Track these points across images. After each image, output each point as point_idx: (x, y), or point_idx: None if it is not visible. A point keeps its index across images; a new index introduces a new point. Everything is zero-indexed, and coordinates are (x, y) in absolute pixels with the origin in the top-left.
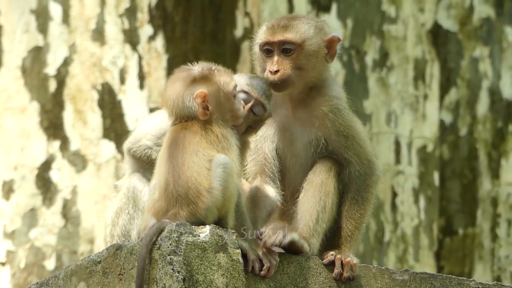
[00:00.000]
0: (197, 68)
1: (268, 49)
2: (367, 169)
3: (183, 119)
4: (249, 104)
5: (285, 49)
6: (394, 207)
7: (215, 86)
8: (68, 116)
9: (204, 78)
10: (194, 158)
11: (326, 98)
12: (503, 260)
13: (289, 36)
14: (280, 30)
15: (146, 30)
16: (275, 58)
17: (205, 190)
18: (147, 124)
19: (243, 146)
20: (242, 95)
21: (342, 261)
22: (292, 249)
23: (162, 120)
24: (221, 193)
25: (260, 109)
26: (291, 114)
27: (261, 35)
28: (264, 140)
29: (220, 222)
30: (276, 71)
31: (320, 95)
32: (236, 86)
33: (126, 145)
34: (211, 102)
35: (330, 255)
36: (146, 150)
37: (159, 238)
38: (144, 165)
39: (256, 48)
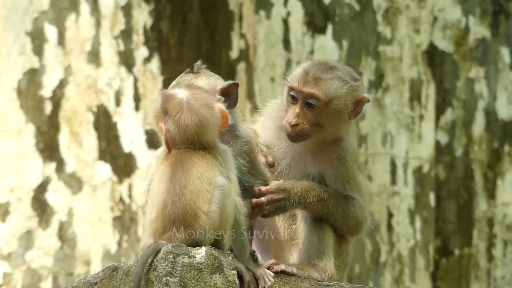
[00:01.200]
0: (157, 103)
1: (293, 96)
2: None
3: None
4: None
5: (310, 103)
6: (390, 228)
7: (173, 119)
8: (64, 138)
9: (163, 113)
10: (196, 182)
11: (338, 148)
12: (499, 281)
13: (317, 92)
14: (312, 81)
15: (141, 52)
16: (297, 110)
17: (203, 213)
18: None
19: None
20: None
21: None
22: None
23: None
24: (218, 215)
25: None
26: (302, 150)
27: (294, 78)
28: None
29: (216, 243)
30: (294, 125)
31: (333, 144)
32: None
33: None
34: (173, 133)
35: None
36: None
37: (155, 259)
38: None
39: (285, 87)
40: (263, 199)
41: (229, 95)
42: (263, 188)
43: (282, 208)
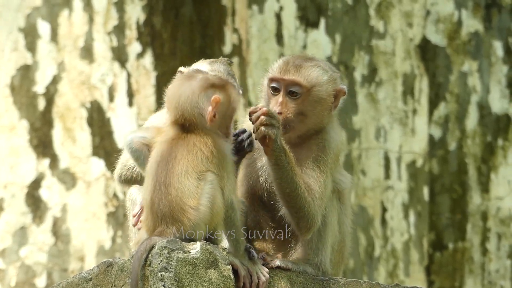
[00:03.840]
0: (215, 74)
1: (275, 87)
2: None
3: (186, 120)
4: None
5: (292, 92)
6: (384, 222)
7: (227, 98)
8: (57, 134)
9: (222, 87)
10: (181, 178)
11: (318, 140)
12: (493, 274)
13: (299, 79)
14: (292, 69)
15: (134, 48)
16: (280, 98)
17: (191, 208)
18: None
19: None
20: None
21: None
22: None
23: None
24: (208, 209)
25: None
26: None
27: (274, 69)
28: (253, 170)
29: (211, 238)
30: (279, 113)
31: (316, 138)
32: (239, 108)
33: (116, 176)
34: (219, 111)
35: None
36: (135, 169)
37: (150, 255)
38: (142, 183)
39: (265, 81)
40: (253, 116)
41: None
42: (255, 108)
43: (266, 136)
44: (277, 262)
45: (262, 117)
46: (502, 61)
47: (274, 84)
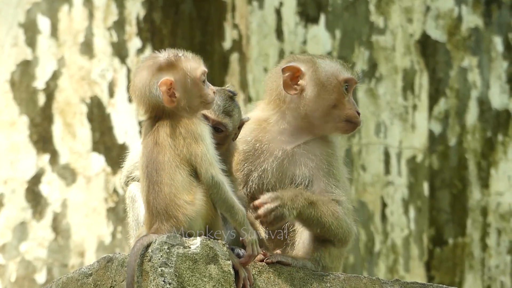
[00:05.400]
0: (163, 55)
1: (347, 88)
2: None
3: (153, 110)
4: (208, 124)
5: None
6: (384, 217)
7: (182, 73)
8: (57, 129)
9: (170, 65)
10: (172, 175)
11: (325, 142)
12: (493, 270)
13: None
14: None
15: (134, 43)
16: (352, 99)
17: (186, 203)
18: (135, 151)
19: (229, 150)
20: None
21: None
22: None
23: None
24: (204, 202)
25: (222, 127)
26: (287, 146)
27: (344, 71)
28: (254, 173)
29: (210, 233)
30: (359, 114)
31: (321, 138)
32: (205, 72)
33: (122, 179)
34: (178, 89)
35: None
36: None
37: (150, 250)
38: None
39: (338, 78)
40: (260, 211)
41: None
42: (256, 202)
43: (280, 217)
44: (277, 258)
45: (265, 218)
46: (502, 56)
47: (347, 85)
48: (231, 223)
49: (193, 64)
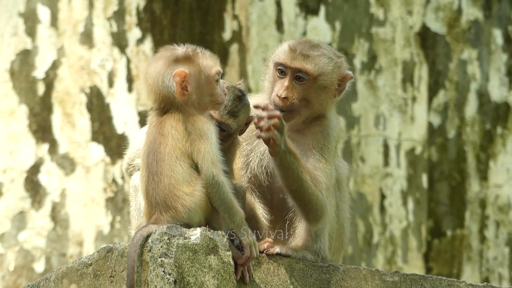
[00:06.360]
0: (182, 48)
1: (282, 70)
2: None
3: (162, 101)
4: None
5: (299, 76)
6: (382, 209)
7: (197, 68)
8: (57, 119)
9: (187, 59)
10: (173, 166)
11: (322, 127)
12: (491, 262)
13: (307, 66)
14: (300, 57)
15: (134, 33)
16: (286, 83)
17: (185, 194)
18: (138, 140)
19: (232, 145)
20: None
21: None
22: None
23: None
24: (203, 194)
25: (225, 127)
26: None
27: (280, 54)
28: (254, 155)
29: (210, 224)
30: (285, 98)
31: (316, 124)
32: (219, 72)
33: (124, 166)
34: (191, 83)
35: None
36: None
37: (150, 241)
38: None
39: (271, 64)
40: (261, 123)
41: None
42: (259, 115)
43: (272, 136)
44: (276, 249)
45: (276, 120)
46: (502, 49)
47: (281, 67)
48: (229, 224)
49: (210, 62)
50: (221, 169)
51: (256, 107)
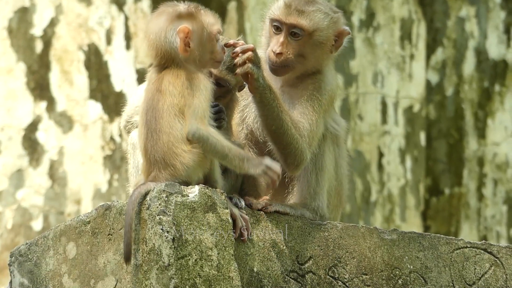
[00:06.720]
0: (184, 5)
1: (277, 26)
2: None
3: (163, 57)
4: (211, 79)
5: (294, 32)
6: (380, 167)
7: (200, 25)
8: (55, 77)
9: (189, 15)
10: (171, 123)
11: (315, 81)
12: (489, 220)
13: (302, 22)
14: (295, 13)
15: None
16: (282, 39)
17: (184, 152)
18: (137, 97)
19: (231, 102)
20: None
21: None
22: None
23: None
24: (201, 150)
25: (224, 82)
26: (279, 88)
27: (275, 11)
28: (249, 111)
29: (208, 181)
30: (279, 54)
31: (312, 79)
32: (220, 30)
33: (122, 123)
34: (193, 40)
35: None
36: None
37: (148, 198)
38: None
39: (266, 20)
40: (246, 47)
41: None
42: (237, 47)
43: (253, 71)
44: (275, 207)
45: (250, 53)
46: (500, 6)
47: (276, 24)
48: (231, 168)
49: (211, 20)
50: (207, 123)
51: (227, 45)
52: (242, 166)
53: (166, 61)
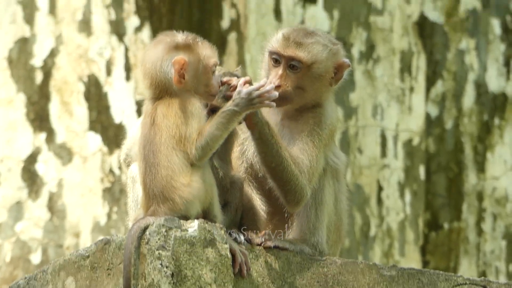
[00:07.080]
0: (182, 35)
1: (276, 59)
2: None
3: (157, 87)
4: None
5: (293, 65)
6: (379, 201)
7: (196, 57)
8: (54, 108)
9: (187, 46)
10: (169, 157)
11: (315, 114)
12: (488, 255)
13: (300, 54)
14: (293, 45)
15: (132, 21)
16: (280, 71)
17: (183, 186)
18: (136, 129)
19: (230, 135)
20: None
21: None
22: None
23: None
24: (201, 185)
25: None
26: (279, 122)
27: (274, 43)
28: (248, 144)
29: (207, 216)
30: (278, 86)
31: (313, 112)
32: (216, 63)
33: (122, 156)
34: (188, 71)
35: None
36: None
37: (147, 233)
38: None
39: (266, 53)
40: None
41: None
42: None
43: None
44: (274, 242)
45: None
46: (500, 39)
47: (275, 57)
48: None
49: (208, 52)
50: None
51: (222, 83)
52: (239, 119)
53: (160, 91)
